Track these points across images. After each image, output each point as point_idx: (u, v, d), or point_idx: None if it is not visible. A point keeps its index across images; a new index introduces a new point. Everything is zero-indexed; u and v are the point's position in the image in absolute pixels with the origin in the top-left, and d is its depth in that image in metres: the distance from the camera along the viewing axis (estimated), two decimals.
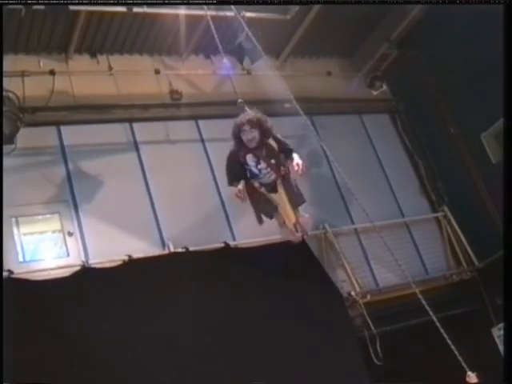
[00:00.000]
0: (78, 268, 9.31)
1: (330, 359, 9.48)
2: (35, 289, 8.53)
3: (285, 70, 12.44)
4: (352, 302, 10.53)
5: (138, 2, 10.24)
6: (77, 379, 8.05)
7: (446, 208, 12.79)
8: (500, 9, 8.13)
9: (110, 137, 10.98)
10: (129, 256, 9.65)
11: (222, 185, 10.73)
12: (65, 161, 10.45)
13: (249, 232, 10.08)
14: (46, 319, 8.30)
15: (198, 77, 12.10)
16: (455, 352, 5.95)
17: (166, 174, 10.85)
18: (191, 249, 10.07)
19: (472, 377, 5.74)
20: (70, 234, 9.94)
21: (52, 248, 9.94)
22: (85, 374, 8.07)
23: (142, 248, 10.05)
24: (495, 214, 11.62)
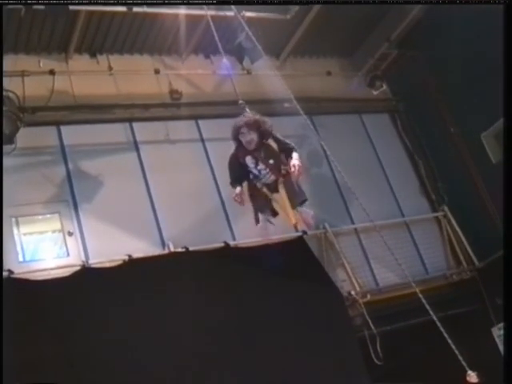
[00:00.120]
0: (78, 268, 9.31)
1: (330, 359, 9.48)
2: (35, 289, 8.53)
3: (285, 70, 12.44)
4: (352, 302, 10.52)
5: (138, 2, 10.24)
6: (77, 379, 8.05)
7: (446, 208, 12.79)
8: (500, 9, 8.13)
9: (110, 137, 10.98)
10: (129, 256, 9.65)
11: (222, 184, 10.79)
12: (65, 161, 10.45)
13: (249, 232, 10.07)
14: (46, 319, 8.29)
15: (198, 76, 12.10)
16: (455, 352, 5.94)
17: (166, 174, 10.85)
18: (191, 249, 10.07)
19: (472, 376, 5.74)
20: (70, 234, 9.94)
21: (52, 248, 9.94)
22: (85, 374, 8.07)
23: (142, 248, 10.04)
24: (495, 214, 11.62)
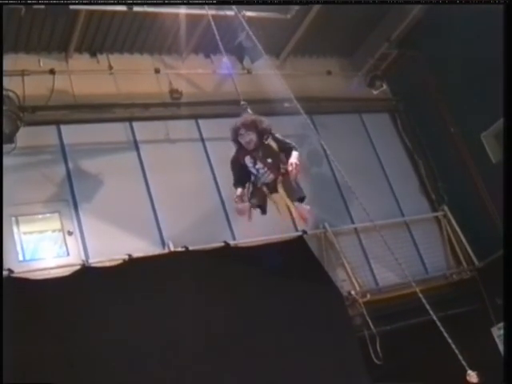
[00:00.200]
0: (78, 267, 9.31)
1: (330, 359, 9.48)
2: (35, 288, 8.53)
3: (285, 70, 12.44)
4: (352, 302, 10.52)
5: (139, 2, 10.24)
6: (77, 378, 8.05)
7: (446, 207, 12.78)
8: (500, 9, 8.13)
9: (110, 136, 10.97)
10: (129, 255, 9.64)
11: (222, 184, 10.81)
12: (65, 160, 10.45)
13: (249, 230, 10.07)
14: (46, 318, 8.29)
15: (198, 76, 12.10)
16: (455, 351, 5.94)
17: (166, 174, 10.84)
18: (191, 248, 10.06)
19: (472, 376, 5.73)
20: (70, 233, 9.94)
21: (52, 247, 9.94)
22: (85, 374, 8.07)
23: (142, 247, 10.04)
24: (495, 214, 11.61)
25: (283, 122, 10.35)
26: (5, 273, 8.72)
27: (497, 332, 11.33)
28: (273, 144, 6.11)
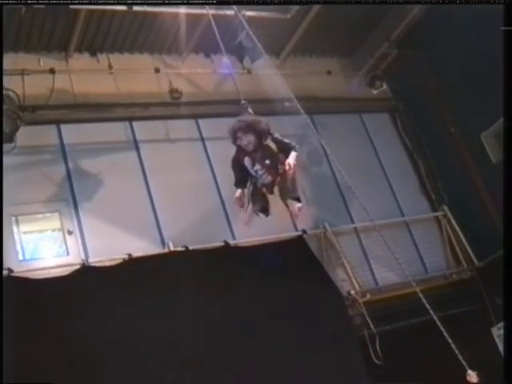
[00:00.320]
0: (78, 267, 9.31)
1: (330, 359, 9.49)
2: (35, 287, 8.53)
3: (285, 69, 12.43)
4: (352, 301, 10.52)
5: (138, 2, 10.23)
6: (77, 378, 8.05)
7: (446, 207, 12.79)
8: (500, 9, 8.13)
9: (110, 135, 10.97)
10: (129, 255, 9.64)
11: (222, 184, 10.80)
12: (65, 159, 10.45)
13: (249, 231, 10.07)
14: (46, 318, 8.29)
15: (198, 75, 12.10)
16: (455, 351, 5.94)
17: (166, 173, 10.84)
18: (191, 248, 10.06)
19: (472, 375, 5.73)
20: (70, 233, 9.94)
21: (52, 246, 9.94)
22: (85, 374, 8.07)
23: (142, 247, 10.04)
24: (495, 214, 11.61)
25: (283, 122, 10.38)
26: (5, 272, 8.72)
27: (497, 332, 11.33)
28: (272, 145, 6.12)
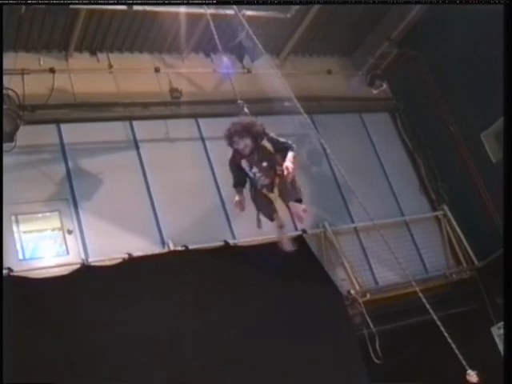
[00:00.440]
0: (78, 266, 9.31)
1: (330, 358, 9.49)
2: (35, 287, 8.53)
3: (285, 69, 12.43)
4: (352, 301, 10.51)
5: (138, 2, 10.23)
6: (76, 378, 8.05)
7: (446, 207, 12.78)
8: (500, 9, 8.13)
9: (110, 135, 10.97)
10: (128, 254, 9.64)
11: (222, 183, 10.79)
12: (65, 159, 10.45)
13: (249, 231, 10.07)
14: (46, 317, 8.30)
15: (198, 75, 12.09)
16: (455, 351, 5.94)
17: (166, 173, 10.84)
18: (191, 247, 10.06)
19: (472, 375, 5.75)
20: (70, 232, 9.94)
21: (52, 246, 9.94)
22: (85, 373, 8.07)
23: (142, 246, 10.03)
24: (495, 214, 11.61)
25: (283, 122, 10.41)
26: (4, 271, 8.72)
27: (497, 331, 11.33)
28: (268, 145, 6.03)
